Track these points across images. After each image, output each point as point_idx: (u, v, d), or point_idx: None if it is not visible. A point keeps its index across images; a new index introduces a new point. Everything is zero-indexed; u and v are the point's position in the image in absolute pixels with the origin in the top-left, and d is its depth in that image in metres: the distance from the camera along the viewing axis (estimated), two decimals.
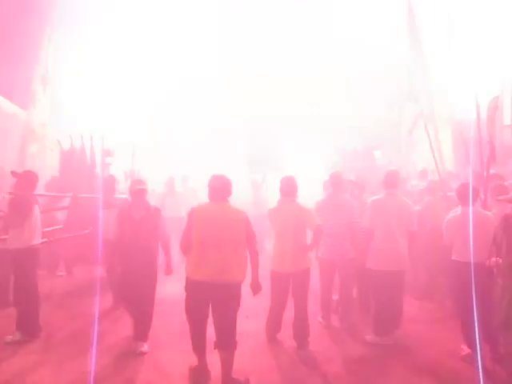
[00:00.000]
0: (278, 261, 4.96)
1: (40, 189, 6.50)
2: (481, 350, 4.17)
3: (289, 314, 5.08)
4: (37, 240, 5.30)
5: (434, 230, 5.82)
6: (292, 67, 19.07)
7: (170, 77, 21.44)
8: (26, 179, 5.35)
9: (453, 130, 9.59)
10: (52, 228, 6.65)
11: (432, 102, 8.36)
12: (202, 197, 11.50)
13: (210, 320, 4.08)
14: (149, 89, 12.70)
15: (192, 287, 4.01)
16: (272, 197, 8.31)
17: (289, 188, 5.05)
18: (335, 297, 5.89)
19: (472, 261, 4.34)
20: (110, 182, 6.83)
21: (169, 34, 16.16)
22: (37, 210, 5.32)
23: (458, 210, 4.84)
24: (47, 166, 10.69)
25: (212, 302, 3.99)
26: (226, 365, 3.98)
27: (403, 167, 9.72)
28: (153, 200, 10.36)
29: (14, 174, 5.37)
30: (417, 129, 8.57)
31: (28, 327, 5.26)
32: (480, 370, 3.94)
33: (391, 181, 5.26)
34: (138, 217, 4.93)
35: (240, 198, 12.49)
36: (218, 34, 15.92)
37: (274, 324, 5.13)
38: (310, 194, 8.63)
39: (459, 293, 4.54)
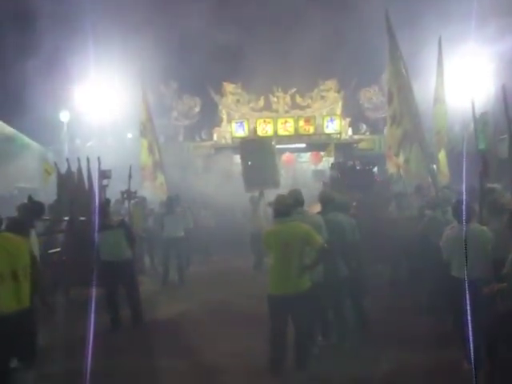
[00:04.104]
0: (278, 284, 4.71)
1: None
2: (481, 365, 4.13)
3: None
4: None
5: (435, 246, 5.80)
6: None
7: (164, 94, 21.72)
8: (31, 207, 5.44)
9: (446, 146, 9.66)
10: (50, 251, 6.65)
11: (417, 120, 8.33)
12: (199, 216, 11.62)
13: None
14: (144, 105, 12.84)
15: None
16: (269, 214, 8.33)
17: (285, 207, 4.85)
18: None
19: (470, 277, 4.33)
20: (105, 205, 6.84)
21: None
22: (33, 234, 5.32)
23: (455, 225, 4.85)
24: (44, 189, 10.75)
25: None
26: None
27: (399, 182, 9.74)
28: (151, 220, 10.47)
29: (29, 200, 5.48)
30: (403, 149, 8.61)
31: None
32: None
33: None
34: None
35: (238, 215, 12.59)
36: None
37: (277, 357, 4.72)
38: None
39: (459, 309, 4.51)
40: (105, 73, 18.00)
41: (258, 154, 10.94)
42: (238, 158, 15.08)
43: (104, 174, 7.60)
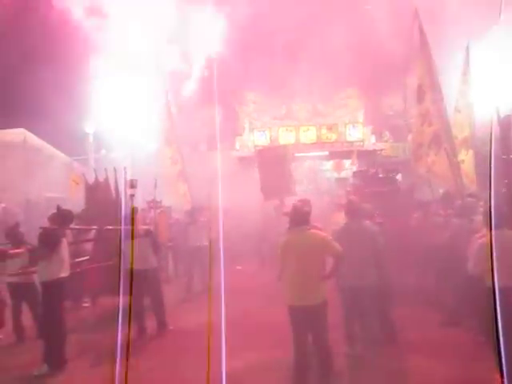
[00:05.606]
0: (297, 294, 4.65)
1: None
2: None
3: None
4: (64, 272, 5.42)
5: (462, 254, 5.70)
6: None
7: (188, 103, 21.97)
8: (61, 216, 5.60)
9: (474, 150, 9.48)
10: (78, 259, 6.80)
11: (446, 122, 8.24)
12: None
13: None
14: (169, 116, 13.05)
15: None
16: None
17: (301, 215, 4.77)
18: None
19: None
20: (133, 213, 6.94)
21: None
22: (64, 242, 5.46)
23: (486, 233, 4.75)
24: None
25: None
26: None
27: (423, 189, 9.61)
28: (175, 230, 10.57)
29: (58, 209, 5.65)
30: (432, 150, 8.48)
31: (54, 360, 5.31)
32: None
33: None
34: None
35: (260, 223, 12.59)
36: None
37: (301, 368, 4.66)
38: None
39: (492, 320, 4.39)
40: (130, 83, 18.30)
41: (273, 162, 10.99)
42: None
43: (131, 184, 7.73)
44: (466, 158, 9.22)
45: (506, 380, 4.15)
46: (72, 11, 13.74)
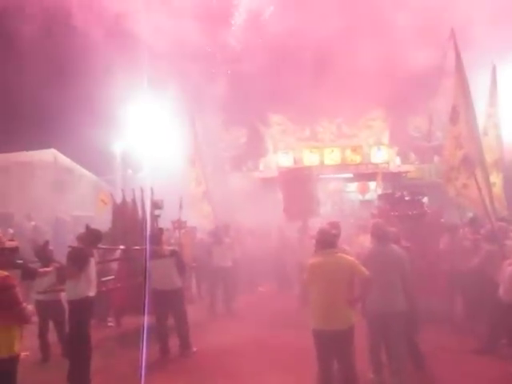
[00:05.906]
0: (323, 318, 4.61)
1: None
2: None
3: None
4: (92, 292, 5.49)
5: (493, 281, 5.55)
6: None
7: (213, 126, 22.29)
8: (90, 236, 5.72)
9: (504, 173, 9.27)
10: (104, 279, 6.89)
11: (479, 144, 8.09)
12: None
13: None
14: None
15: None
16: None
17: (329, 238, 4.78)
18: None
19: None
20: (158, 234, 7.02)
21: None
22: (92, 262, 5.56)
23: None
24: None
25: None
26: None
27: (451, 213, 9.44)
28: (200, 250, 10.61)
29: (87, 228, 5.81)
30: (462, 174, 8.33)
31: (78, 379, 5.34)
32: None
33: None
34: None
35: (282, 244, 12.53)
36: None
37: None
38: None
39: None
40: (156, 104, 18.71)
41: (297, 183, 11.00)
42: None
43: (156, 205, 7.84)
44: (497, 180, 9.03)
45: None
46: (99, 31, 14.20)
